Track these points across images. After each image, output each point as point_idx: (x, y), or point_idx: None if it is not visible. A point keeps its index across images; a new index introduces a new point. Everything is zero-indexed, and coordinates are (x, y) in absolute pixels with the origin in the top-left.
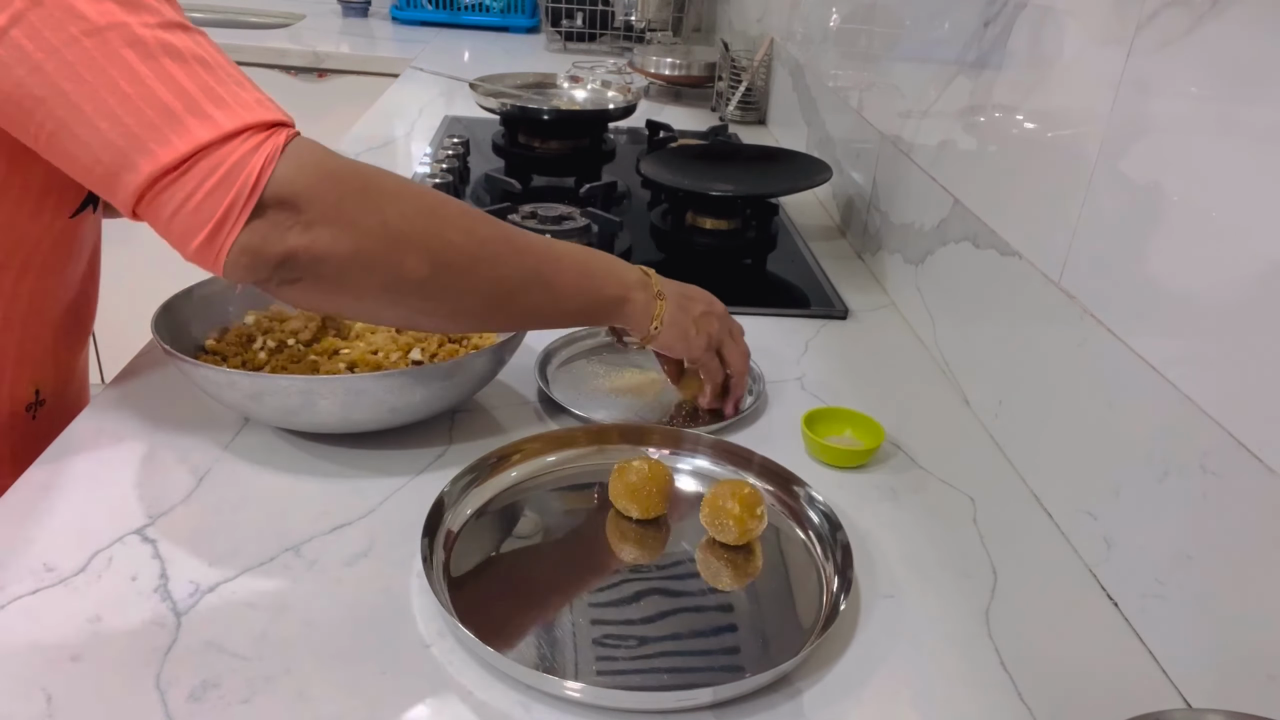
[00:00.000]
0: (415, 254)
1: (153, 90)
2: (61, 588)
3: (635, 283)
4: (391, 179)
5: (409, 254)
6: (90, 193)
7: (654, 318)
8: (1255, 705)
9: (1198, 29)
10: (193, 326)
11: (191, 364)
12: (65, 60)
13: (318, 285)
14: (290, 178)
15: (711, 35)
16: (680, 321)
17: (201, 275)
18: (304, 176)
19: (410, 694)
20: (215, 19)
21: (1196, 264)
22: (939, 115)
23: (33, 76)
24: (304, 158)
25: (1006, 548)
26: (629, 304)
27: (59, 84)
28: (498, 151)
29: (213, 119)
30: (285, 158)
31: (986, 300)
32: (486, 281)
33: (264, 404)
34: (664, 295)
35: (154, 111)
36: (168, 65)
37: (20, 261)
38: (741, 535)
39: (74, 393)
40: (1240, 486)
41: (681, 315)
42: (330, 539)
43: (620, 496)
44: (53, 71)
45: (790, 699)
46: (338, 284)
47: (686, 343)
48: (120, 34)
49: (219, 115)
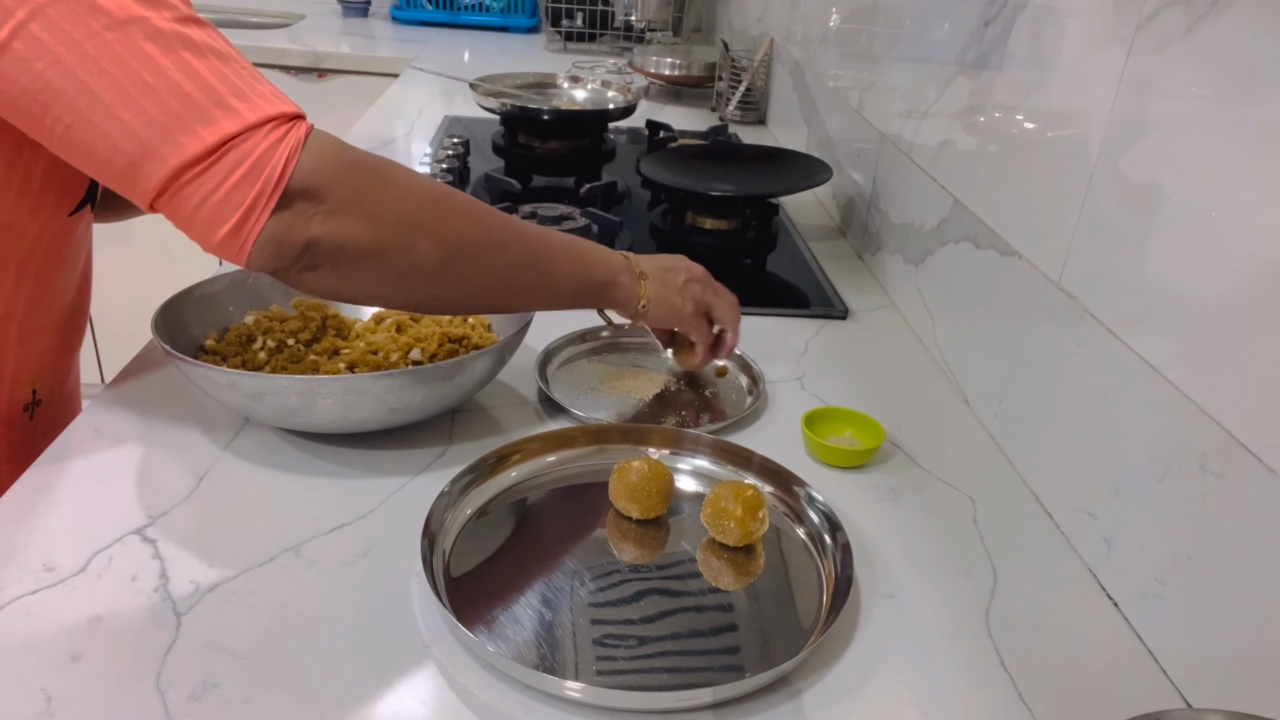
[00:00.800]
0: (427, 241)
1: (176, 82)
2: (61, 588)
3: (620, 267)
4: (400, 170)
5: (421, 241)
6: (87, 192)
7: (640, 297)
8: (1255, 705)
9: (1197, 29)
10: (193, 326)
11: (192, 364)
12: (86, 53)
13: (335, 271)
14: (313, 169)
15: (711, 35)
16: (665, 296)
17: (201, 275)
18: (326, 167)
19: (410, 694)
20: (215, 19)
21: (1196, 264)
22: (939, 115)
23: (52, 70)
24: (325, 149)
25: (1006, 548)
26: (617, 288)
27: (79, 76)
28: (498, 151)
29: (237, 111)
30: (307, 149)
31: (986, 300)
32: (491, 267)
33: (264, 404)
34: (646, 275)
35: (179, 103)
36: (188, 58)
37: (19, 260)
38: (743, 537)
39: (69, 393)
40: (1240, 486)
41: (665, 290)
42: (330, 539)
43: (620, 496)
44: (73, 64)
45: (790, 699)
46: (354, 270)
47: (675, 312)
48: (141, 28)
49: (242, 108)
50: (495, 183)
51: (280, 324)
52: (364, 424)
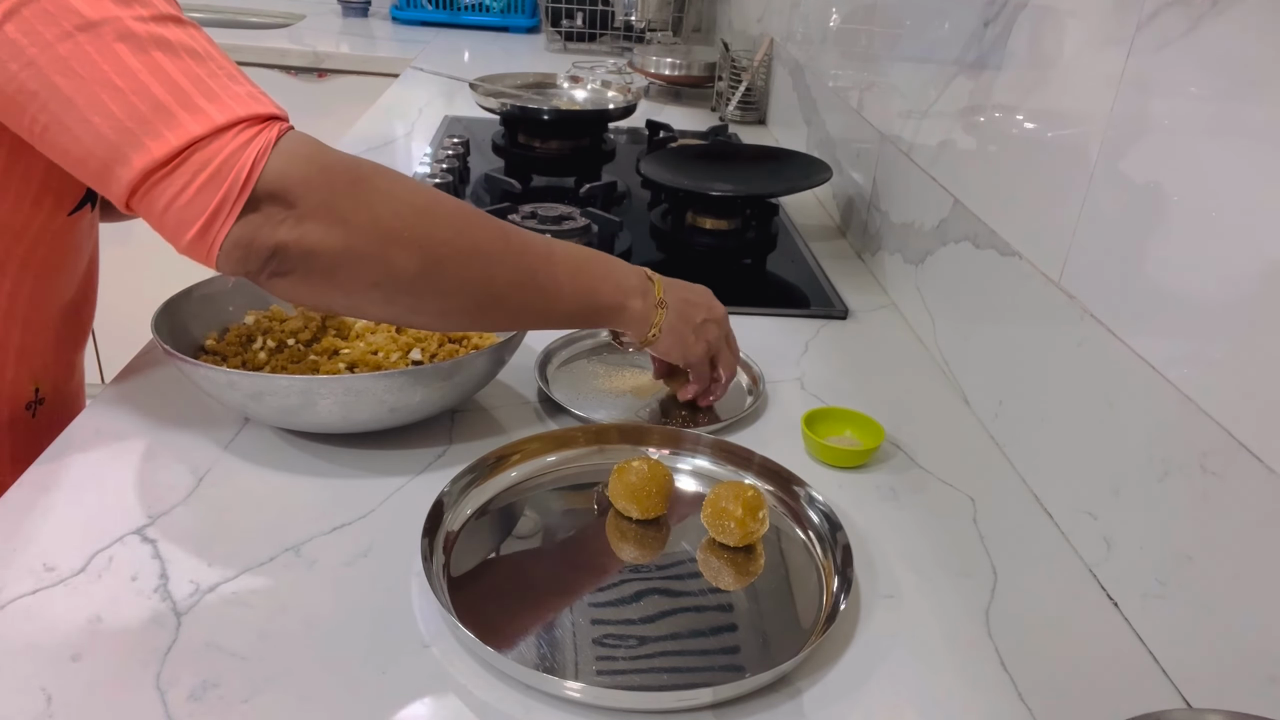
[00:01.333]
0: (405, 251)
1: (144, 84)
2: (61, 588)
3: (634, 289)
4: (385, 175)
5: (399, 251)
6: (88, 191)
7: (653, 325)
8: (1255, 705)
9: (1198, 29)
10: (193, 326)
11: (192, 364)
12: (58, 55)
13: (308, 279)
14: (282, 172)
15: (711, 35)
16: (679, 329)
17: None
18: (296, 170)
19: (410, 694)
20: (215, 19)
21: (1196, 264)
22: (939, 115)
23: (26, 71)
24: (296, 152)
25: (1006, 548)
26: (625, 311)
27: (52, 78)
28: (498, 151)
29: (204, 112)
30: (277, 152)
31: (986, 300)
32: (478, 281)
33: (264, 404)
34: (665, 304)
35: (146, 105)
36: (159, 58)
37: (20, 258)
38: (743, 538)
39: (73, 392)
40: (1240, 486)
41: (681, 324)
42: (330, 539)
43: (620, 496)
44: (46, 66)
45: (790, 699)
46: (328, 278)
47: (684, 350)
48: (114, 28)
49: (211, 109)
50: (495, 183)
51: (280, 324)
52: (364, 424)
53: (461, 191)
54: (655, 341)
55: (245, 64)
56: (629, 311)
